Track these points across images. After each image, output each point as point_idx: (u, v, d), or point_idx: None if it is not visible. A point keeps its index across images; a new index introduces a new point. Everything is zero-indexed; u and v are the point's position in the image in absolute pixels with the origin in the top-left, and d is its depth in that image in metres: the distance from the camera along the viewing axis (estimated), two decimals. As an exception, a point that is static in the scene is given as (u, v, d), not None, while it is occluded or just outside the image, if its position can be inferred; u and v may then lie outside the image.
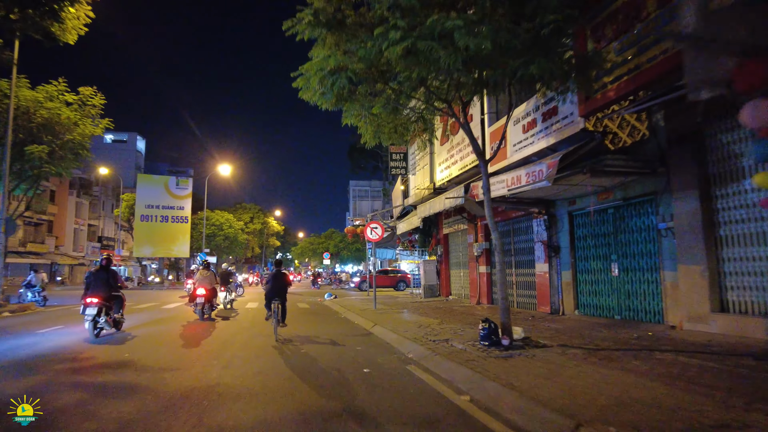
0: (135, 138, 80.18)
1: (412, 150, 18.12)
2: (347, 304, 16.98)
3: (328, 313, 14.70)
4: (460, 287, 17.28)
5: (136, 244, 42.30)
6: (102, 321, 9.22)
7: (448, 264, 18.21)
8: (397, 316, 12.06)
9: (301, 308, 16.72)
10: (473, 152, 12.55)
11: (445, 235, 18.25)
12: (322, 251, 43.74)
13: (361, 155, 73.70)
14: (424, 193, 16.10)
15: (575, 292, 11.06)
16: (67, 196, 54.28)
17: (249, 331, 10.73)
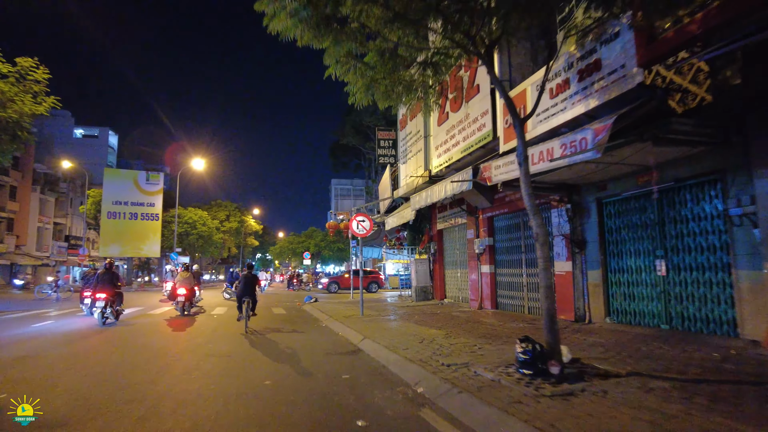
0: (107, 133, 76.80)
1: (403, 135, 16.10)
2: (330, 309, 14.86)
3: (307, 321, 12.58)
4: (457, 289, 15.31)
5: (102, 243, 39.39)
6: (108, 312, 11.77)
7: (442, 263, 16.24)
8: (390, 325, 10.00)
9: (277, 314, 14.55)
10: (480, 129, 10.65)
11: (439, 231, 16.27)
12: (302, 251, 41.40)
13: (344, 153, 71.65)
14: (417, 182, 14.08)
15: (605, 296, 9.15)
16: (30, 193, 51.03)
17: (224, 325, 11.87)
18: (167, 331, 10.64)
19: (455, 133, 11.81)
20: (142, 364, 6.73)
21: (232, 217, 51.32)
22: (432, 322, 10.46)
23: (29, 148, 50.89)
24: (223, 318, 13.29)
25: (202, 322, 12.20)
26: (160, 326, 11.53)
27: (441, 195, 10.78)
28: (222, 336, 9.82)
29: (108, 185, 39.47)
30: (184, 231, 42.01)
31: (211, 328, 11.19)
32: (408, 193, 15.37)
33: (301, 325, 11.54)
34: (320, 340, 9.08)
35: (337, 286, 28.76)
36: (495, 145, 10.24)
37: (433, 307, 14.41)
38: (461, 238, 14.87)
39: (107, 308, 11.70)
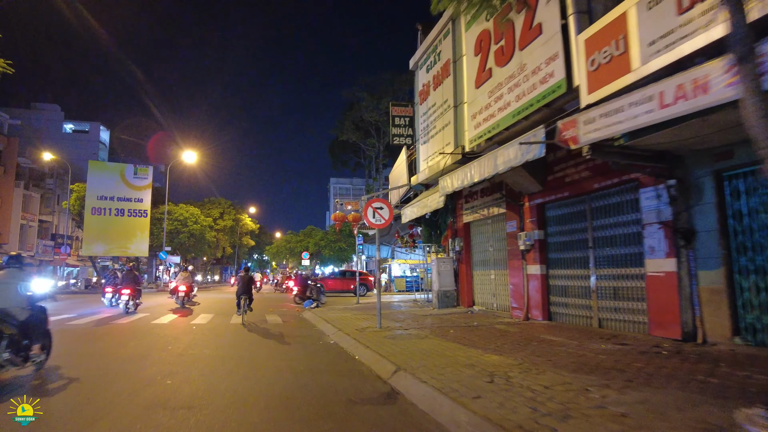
0: (98, 128, 73.92)
1: (424, 109, 13.43)
2: (336, 318, 12.17)
3: (309, 334, 9.89)
4: (490, 294, 12.64)
5: (85, 241, 36.65)
6: (130, 304, 14.72)
7: (470, 263, 13.56)
8: (425, 346, 7.31)
9: (271, 323, 11.86)
10: (545, 82, 7.80)
11: (465, 224, 13.59)
12: (300, 250, 38.63)
13: (343, 150, 69.11)
14: (445, 162, 11.43)
15: (731, 306, 6.50)
16: (13, 188, 48.20)
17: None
18: (175, 316, 13.93)
19: (503, 92, 9.15)
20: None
21: (226, 214, 48.56)
22: (478, 340, 7.78)
23: (12, 140, 48.25)
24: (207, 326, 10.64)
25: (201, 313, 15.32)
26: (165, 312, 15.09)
27: (489, 170, 8.15)
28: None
29: (93, 179, 36.78)
30: (174, 229, 39.27)
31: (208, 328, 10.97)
32: (431, 177, 12.71)
33: (302, 342, 8.84)
34: (332, 370, 6.37)
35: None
36: (568, 100, 7.61)
37: (464, 316, 11.74)
38: (497, 231, 12.21)
39: (130, 301, 14.79)
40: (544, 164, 9.82)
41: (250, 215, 60.05)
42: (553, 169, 9.74)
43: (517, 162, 7.42)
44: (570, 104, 7.72)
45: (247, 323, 11.77)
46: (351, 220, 15.14)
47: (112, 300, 16.63)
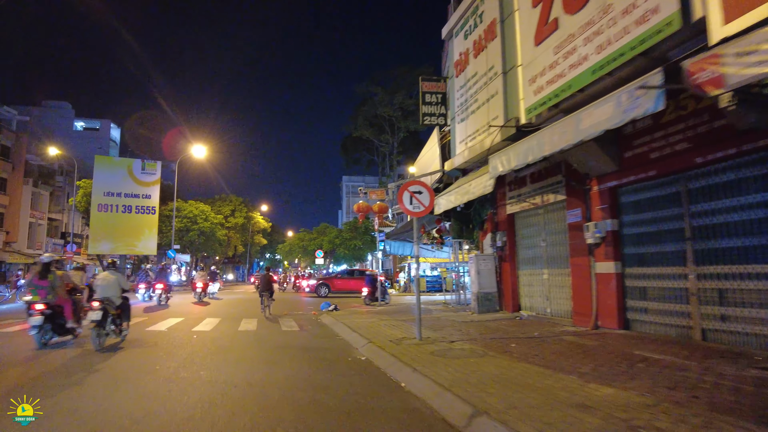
0: (108, 126, 73.35)
1: (461, 82, 11.59)
2: (361, 325, 10.40)
3: (332, 347, 8.11)
4: (542, 297, 10.77)
5: (91, 239, 35.32)
6: (163, 297, 17.91)
7: (515, 261, 11.70)
8: (496, 370, 5.49)
9: (286, 332, 10.10)
10: (644, 21, 5.66)
11: (510, 215, 11.74)
12: (313, 249, 36.94)
13: (356, 148, 67.47)
14: (492, 139, 9.59)
15: None
16: (21, 185, 47.26)
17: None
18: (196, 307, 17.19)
19: (576, 45, 7.28)
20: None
21: (237, 212, 47.05)
22: (558, 358, 5.96)
23: (20, 137, 47.29)
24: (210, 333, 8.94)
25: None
26: (190, 307, 17.08)
27: (568, 139, 6.33)
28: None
29: (99, 174, 35.41)
30: (183, 226, 37.80)
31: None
32: (472, 160, 10.90)
33: (327, 359, 7.05)
34: (375, 408, 4.54)
35: (328, 290, 24.15)
36: (679, 42, 5.74)
37: (514, 324, 9.91)
38: (553, 223, 10.34)
39: (162, 294, 17.73)
40: (617, 138, 7.97)
41: (262, 213, 58.60)
42: (632, 144, 7.87)
43: (614, 122, 5.57)
44: (678, 50, 5.86)
45: (259, 330, 10.13)
46: (377, 211, 13.36)
47: (145, 295, 20.05)
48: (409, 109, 56.69)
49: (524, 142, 7.66)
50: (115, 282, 8.55)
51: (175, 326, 10.93)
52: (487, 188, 9.03)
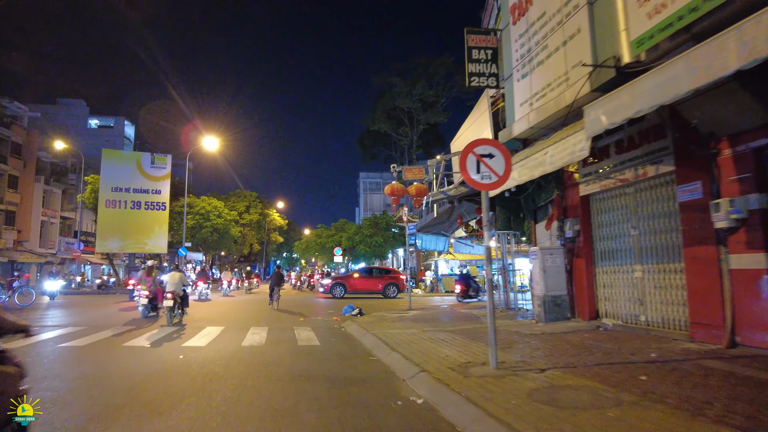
0: (122, 123, 72.23)
1: (521, 29, 9.12)
2: (395, 337, 8.05)
3: (367, 377, 5.74)
4: (632, 301, 8.27)
5: (99, 237, 33.60)
6: (204, 292, 21.15)
7: (590, 255, 9.20)
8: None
9: (302, 349, 7.76)
10: None
11: (584, 198, 9.24)
12: (332, 246, 34.67)
13: (373, 142, 65.17)
14: (576, 93, 7.12)
15: None
16: (33, 183, 46.05)
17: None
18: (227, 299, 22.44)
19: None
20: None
21: (252, 208, 44.99)
22: (737, 406, 3.52)
23: (32, 134, 46.03)
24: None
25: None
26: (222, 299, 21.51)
27: (716, 72, 3.86)
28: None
29: (107, 169, 33.66)
30: (195, 223, 35.86)
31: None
32: (540, 125, 8.46)
33: (363, 399, 4.68)
34: None
35: (344, 290, 21.93)
36: None
37: (601, 337, 7.47)
38: (649, 203, 7.85)
39: (203, 290, 21.21)
40: None
41: (278, 210, 56.64)
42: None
43: None
44: None
45: (268, 346, 7.91)
46: (413, 195, 10.89)
47: None
48: (429, 101, 54.20)
49: (641, 82, 5.20)
50: (180, 279, 11.77)
51: (164, 338, 8.71)
52: (576, 154, 6.56)
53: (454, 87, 54.32)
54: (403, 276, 22.98)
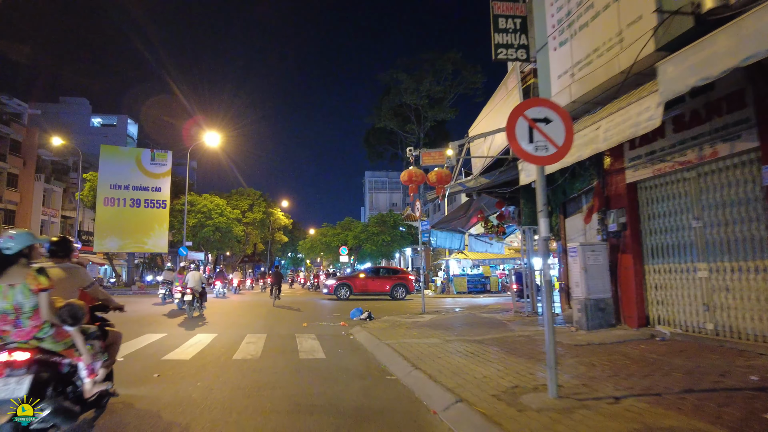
0: (125, 121, 71.48)
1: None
2: (414, 349, 6.80)
3: (390, 409, 4.45)
4: (693, 305, 6.99)
5: (97, 236, 32.59)
6: (221, 291, 23.50)
7: (639, 250, 7.92)
8: None
9: (304, 364, 6.49)
10: None
11: (630, 185, 7.96)
12: (337, 245, 33.44)
13: (379, 140, 63.83)
14: (634, 54, 5.85)
15: None
16: (33, 182, 45.14)
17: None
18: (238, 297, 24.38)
19: None
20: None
21: (256, 207, 43.82)
22: None
23: (31, 131, 45.12)
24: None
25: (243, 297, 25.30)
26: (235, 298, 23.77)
27: None
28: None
29: (105, 166, 32.66)
30: (197, 222, 34.73)
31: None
32: (583, 98, 7.19)
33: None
34: None
35: (349, 291, 20.77)
36: None
37: (664, 349, 6.20)
38: (720, 188, 6.56)
39: (221, 289, 23.60)
40: None
41: (283, 209, 55.48)
42: None
43: None
44: None
45: (264, 359, 6.70)
46: (434, 182, 9.51)
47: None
48: (436, 97, 52.91)
49: (749, 20, 3.93)
50: (199, 278, 13.55)
51: (150, 347, 7.50)
52: (641, 125, 5.26)
53: (461, 83, 53.05)
54: (412, 276, 21.74)
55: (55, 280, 3.44)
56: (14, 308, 3.18)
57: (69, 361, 3.40)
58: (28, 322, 3.21)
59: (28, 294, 3.19)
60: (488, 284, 24.40)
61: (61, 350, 3.36)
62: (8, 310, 3.18)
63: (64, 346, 3.37)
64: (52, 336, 3.29)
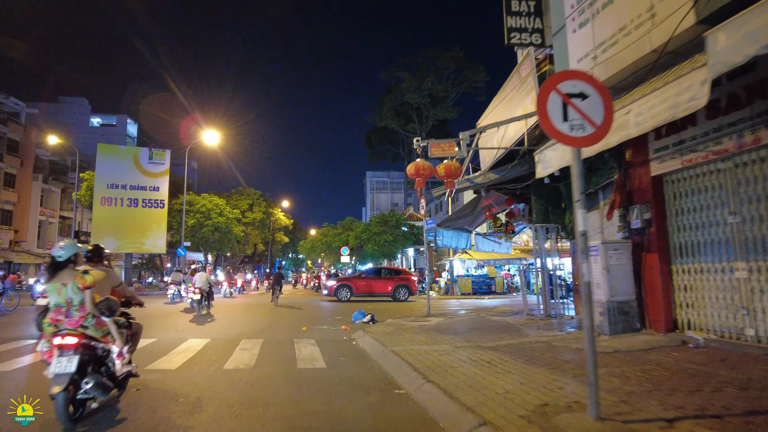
0: (125, 121, 70.91)
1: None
2: (428, 359, 6.17)
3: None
4: (728, 308, 6.38)
5: (93, 236, 31.97)
6: (228, 291, 24.83)
7: (665, 248, 7.31)
8: None
9: (303, 374, 5.86)
10: None
11: (655, 178, 7.34)
12: (338, 245, 32.81)
13: (380, 140, 63.27)
14: (668, 30, 5.24)
15: None
16: (30, 181, 44.59)
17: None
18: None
19: None
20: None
21: (256, 206, 43.20)
22: None
23: (29, 130, 44.57)
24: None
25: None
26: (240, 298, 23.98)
27: None
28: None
29: (102, 165, 32.07)
30: (196, 222, 34.13)
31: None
32: (607, 84, 6.56)
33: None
34: None
35: (350, 292, 20.13)
36: None
37: (702, 358, 5.58)
38: (762, 179, 5.92)
39: (229, 289, 25.14)
40: None
41: (283, 210, 54.88)
42: None
43: None
44: None
45: (258, 369, 6.09)
46: (443, 175, 8.75)
47: None
48: (438, 96, 52.35)
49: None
50: (206, 278, 14.42)
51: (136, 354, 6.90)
52: (682, 107, 4.63)
53: (464, 82, 52.52)
54: (414, 277, 21.11)
55: (96, 280, 4.24)
56: (66, 302, 4.08)
57: (103, 345, 4.26)
58: (76, 314, 4.08)
59: (77, 291, 4.07)
60: (493, 285, 23.75)
61: (99, 336, 4.20)
62: (61, 304, 4.08)
63: (102, 333, 4.22)
64: (94, 325, 4.14)
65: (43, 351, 4.01)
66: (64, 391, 3.60)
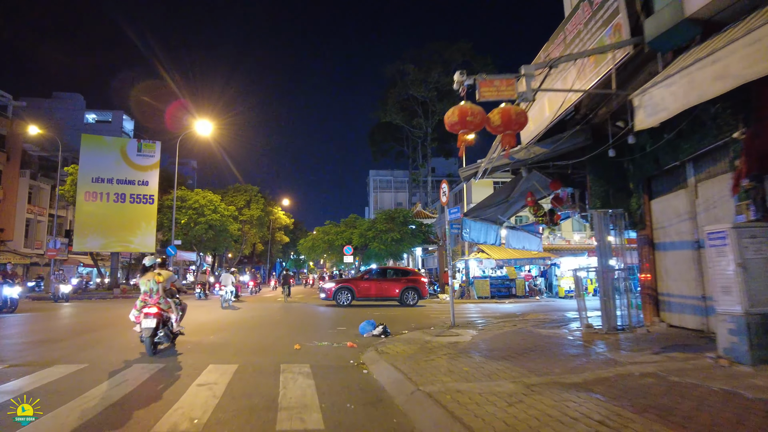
0: (121, 117, 68.70)
1: None
2: (493, 414, 3.76)
3: None
4: None
5: (77, 233, 29.68)
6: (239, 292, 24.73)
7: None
8: None
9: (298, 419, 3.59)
10: None
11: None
12: (341, 244, 30.39)
13: (384, 138, 60.85)
14: None
15: None
16: (18, 178, 42.34)
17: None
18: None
19: None
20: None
21: (253, 203, 40.78)
22: None
23: (16, 124, 42.39)
24: None
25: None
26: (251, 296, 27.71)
27: None
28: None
29: (86, 157, 29.75)
30: (188, 219, 31.75)
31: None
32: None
33: None
34: None
35: (351, 296, 17.84)
36: None
37: None
38: None
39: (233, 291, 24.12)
40: None
41: (284, 208, 52.54)
42: None
43: None
44: None
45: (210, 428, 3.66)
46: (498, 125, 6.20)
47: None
48: (445, 89, 50.03)
49: None
50: (231, 278, 18.56)
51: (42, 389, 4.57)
52: None
53: (472, 74, 50.22)
54: (424, 278, 18.69)
55: (164, 278, 7.63)
56: (149, 290, 7.49)
57: (167, 315, 7.56)
58: (155, 296, 7.44)
59: (155, 284, 7.49)
60: (513, 288, 21.34)
61: (165, 309, 7.49)
62: (147, 291, 7.48)
63: (167, 307, 7.52)
64: (164, 302, 7.48)
65: (135, 316, 7.33)
66: (149, 337, 6.97)
